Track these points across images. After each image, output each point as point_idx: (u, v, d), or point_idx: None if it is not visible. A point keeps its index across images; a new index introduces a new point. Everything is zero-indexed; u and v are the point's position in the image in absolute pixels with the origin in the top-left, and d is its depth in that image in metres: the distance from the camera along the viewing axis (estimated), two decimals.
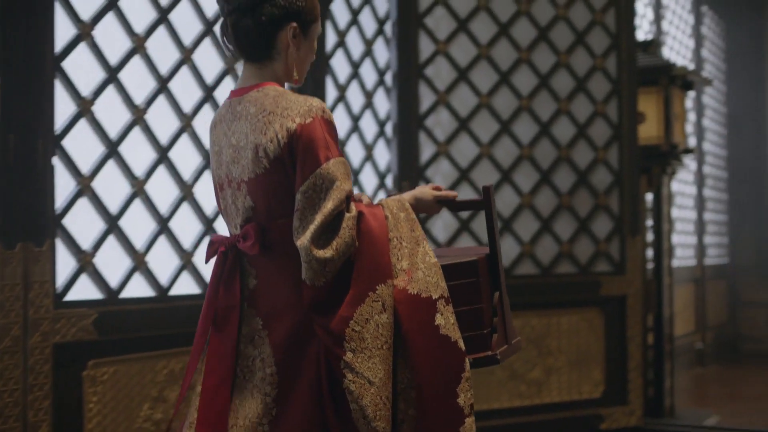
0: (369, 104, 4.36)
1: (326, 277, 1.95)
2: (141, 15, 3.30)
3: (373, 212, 2.04)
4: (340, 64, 4.20)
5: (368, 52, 4.38)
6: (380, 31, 4.42)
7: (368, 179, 4.33)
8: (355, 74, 4.28)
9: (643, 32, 7.57)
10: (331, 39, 4.12)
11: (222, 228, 3.44)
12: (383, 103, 4.45)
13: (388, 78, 4.45)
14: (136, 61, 3.27)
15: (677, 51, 8.58)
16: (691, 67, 8.97)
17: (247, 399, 2.04)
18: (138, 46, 3.25)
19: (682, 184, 8.55)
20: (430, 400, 1.97)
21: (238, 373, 2.07)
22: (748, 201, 10.31)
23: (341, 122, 4.19)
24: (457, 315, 2.01)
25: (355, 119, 4.28)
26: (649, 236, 5.73)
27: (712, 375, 8.63)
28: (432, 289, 2.01)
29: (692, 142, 8.71)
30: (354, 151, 4.27)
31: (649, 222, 5.74)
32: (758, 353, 9.97)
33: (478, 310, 2.08)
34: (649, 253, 5.69)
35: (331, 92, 4.12)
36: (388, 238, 2.02)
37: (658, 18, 8.02)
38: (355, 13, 4.30)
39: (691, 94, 8.05)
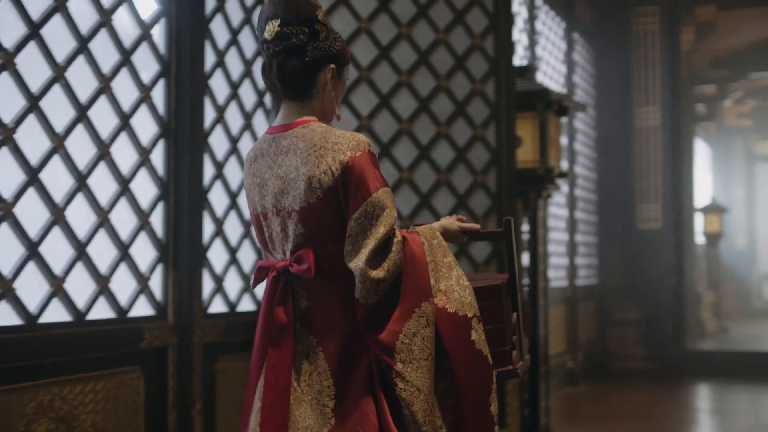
0: (248, 126, 4.28)
1: (378, 295, 2.17)
2: (13, 30, 3.15)
3: (413, 238, 2.27)
4: (219, 85, 4.11)
5: (248, 73, 4.30)
6: (261, 51, 4.33)
7: (246, 202, 4.25)
8: (234, 95, 4.20)
9: (518, 57, 7.70)
10: (210, 59, 4.03)
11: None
12: (263, 125, 4.38)
13: (268, 100, 4.38)
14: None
15: (550, 76, 8.77)
16: (564, 92, 9.18)
17: (306, 411, 2.23)
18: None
19: (554, 207, 8.73)
20: (469, 407, 2.22)
21: (296, 387, 2.25)
22: (617, 223, 10.60)
23: (220, 144, 4.10)
24: (485, 333, 2.28)
25: (234, 141, 4.19)
26: (524, 258, 5.81)
27: (583, 394, 8.81)
28: (467, 308, 2.26)
29: (565, 165, 8.90)
30: (233, 174, 4.18)
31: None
32: (627, 371, 10.25)
33: (501, 329, 2.36)
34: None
35: (210, 113, 4.02)
36: (427, 262, 2.25)
37: (532, 44, 8.18)
38: (234, 32, 4.22)
39: (564, 118, 8.22)
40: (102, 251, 3.48)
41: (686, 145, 12.09)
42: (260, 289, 4.27)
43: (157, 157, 3.80)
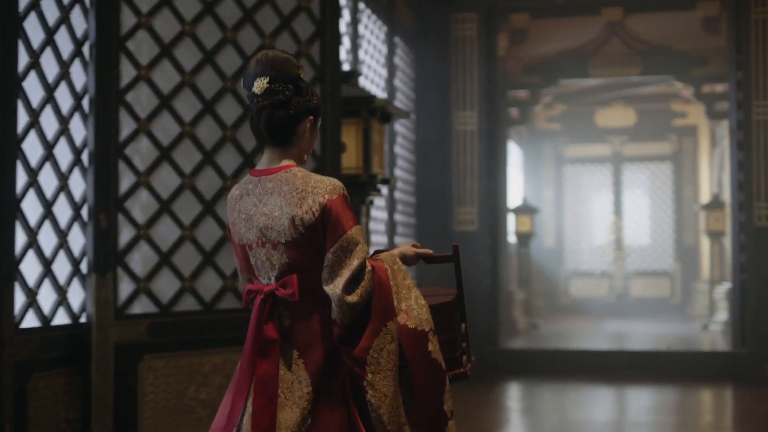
0: (65, 130, 4.08)
1: (351, 316, 2.56)
2: None
3: (379, 266, 2.64)
4: (33, 87, 3.90)
5: (64, 75, 4.10)
6: (78, 53, 4.15)
7: (62, 211, 4.05)
8: (50, 98, 3.99)
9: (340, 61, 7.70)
10: (23, 59, 3.82)
11: None
12: (80, 130, 4.18)
13: (86, 103, 4.19)
14: None
15: (372, 80, 8.82)
16: (385, 96, 9.26)
17: (287, 413, 2.59)
18: None
19: (374, 210, 8.79)
20: (425, 407, 2.64)
21: (280, 393, 2.60)
22: (435, 225, 10.80)
23: (34, 150, 3.89)
24: (439, 342, 2.66)
25: (50, 146, 3.99)
26: None
27: None
28: (424, 323, 2.65)
29: (385, 169, 8.97)
30: (47, 180, 3.98)
31: None
32: None
33: (453, 338, 2.78)
34: None
35: (23, 117, 3.81)
36: (390, 286, 2.63)
37: (355, 47, 8.20)
38: (50, 32, 4.01)
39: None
40: None
41: (501, 149, 12.45)
42: (75, 300, 4.10)
43: None
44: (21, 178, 3.80)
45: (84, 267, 4.19)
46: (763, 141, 10.27)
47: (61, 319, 4.11)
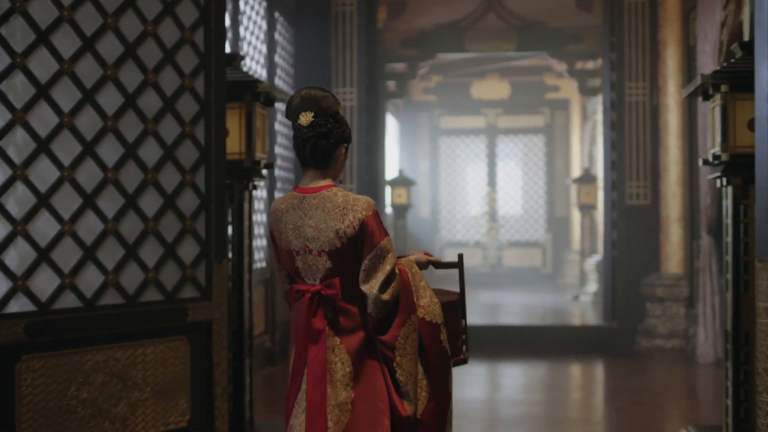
0: None
1: (385, 311, 3.21)
2: None
3: (402, 270, 3.29)
4: None
5: None
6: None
7: None
8: None
9: None
10: None
11: None
12: None
13: None
14: None
15: (252, 56, 8.66)
16: (265, 72, 9.12)
17: (335, 388, 3.21)
18: None
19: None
20: (437, 385, 3.30)
21: (327, 373, 3.22)
22: None
23: None
24: (446, 334, 3.35)
25: None
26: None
27: (281, 374, 8.88)
28: (437, 317, 3.33)
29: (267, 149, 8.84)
30: None
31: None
32: None
33: (456, 331, 3.45)
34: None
35: None
36: (412, 286, 3.28)
37: (235, 23, 8.02)
38: None
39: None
40: None
41: (380, 124, 12.45)
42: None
43: None
44: None
45: None
46: (635, 121, 10.54)
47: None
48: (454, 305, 3.45)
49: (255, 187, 6.00)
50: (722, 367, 8.80)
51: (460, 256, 3.54)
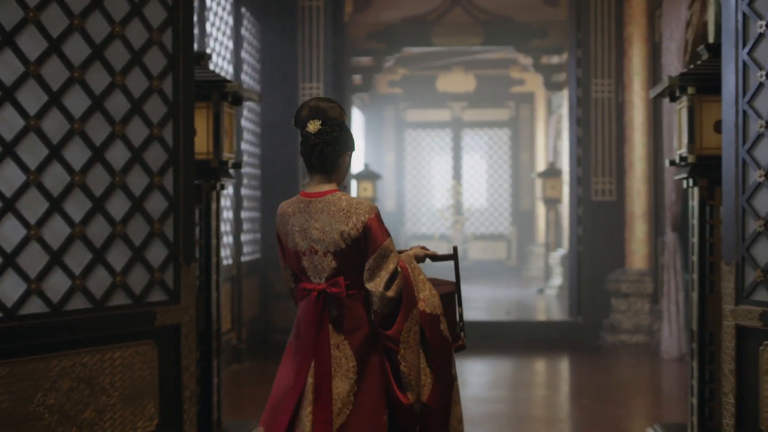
0: None
1: (390, 306, 3.41)
2: None
3: (403, 266, 3.46)
4: None
5: None
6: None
7: None
8: None
9: None
10: None
11: None
12: None
13: None
14: None
15: (218, 52, 8.60)
16: (232, 68, 9.06)
17: (338, 383, 3.42)
18: None
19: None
20: (439, 372, 3.49)
21: (331, 368, 3.42)
22: (280, 198, 10.67)
23: None
24: (446, 323, 3.56)
25: None
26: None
27: (248, 371, 8.85)
28: (437, 309, 3.52)
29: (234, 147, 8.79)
30: None
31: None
32: (286, 343, 10.41)
33: (454, 320, 3.68)
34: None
35: None
36: (412, 281, 3.47)
37: (202, 20, 7.96)
38: None
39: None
40: None
41: (346, 119, 12.39)
42: None
43: None
44: None
45: None
46: (600, 118, 10.60)
47: None
48: (452, 296, 3.69)
49: (223, 187, 5.96)
50: (686, 363, 8.89)
51: (455, 249, 3.75)
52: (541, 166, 19.47)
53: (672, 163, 5.83)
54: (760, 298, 4.48)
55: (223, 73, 8.76)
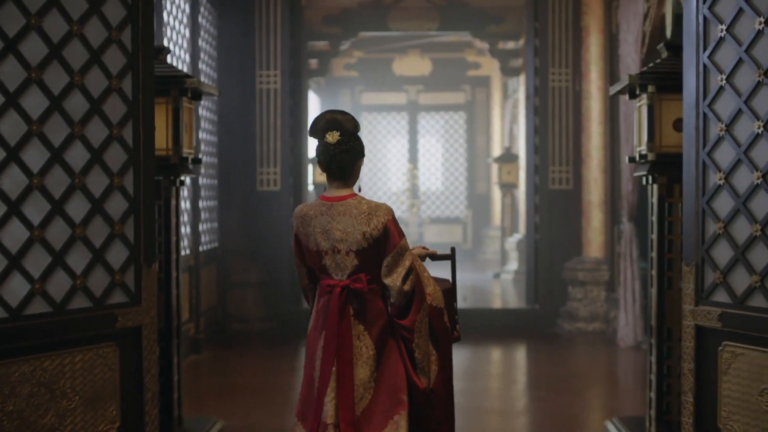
0: None
1: (406, 299, 3.76)
2: None
3: (416, 263, 3.83)
4: None
5: None
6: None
7: None
8: None
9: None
10: None
11: None
12: None
13: None
14: None
15: (175, 41, 8.50)
16: (188, 57, 8.96)
17: (360, 370, 3.75)
18: None
19: None
20: (444, 360, 3.87)
21: (353, 357, 3.76)
22: (237, 187, 10.62)
23: None
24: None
25: None
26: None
27: (207, 362, 8.81)
28: (440, 303, 3.90)
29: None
30: None
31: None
32: (245, 332, 10.38)
33: (452, 313, 4.04)
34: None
35: None
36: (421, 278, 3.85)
37: (159, 9, 7.85)
38: None
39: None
40: None
41: (303, 106, 12.35)
42: None
43: None
44: None
45: None
46: (558, 107, 10.65)
47: None
48: (450, 292, 4.06)
49: (182, 183, 5.91)
50: (642, 351, 9.01)
51: (453, 250, 4.17)
52: (496, 150, 19.53)
53: (632, 159, 5.88)
54: (719, 299, 4.53)
55: (179, 62, 8.66)
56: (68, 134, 4.40)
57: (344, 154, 3.77)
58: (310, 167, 16.16)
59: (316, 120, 3.83)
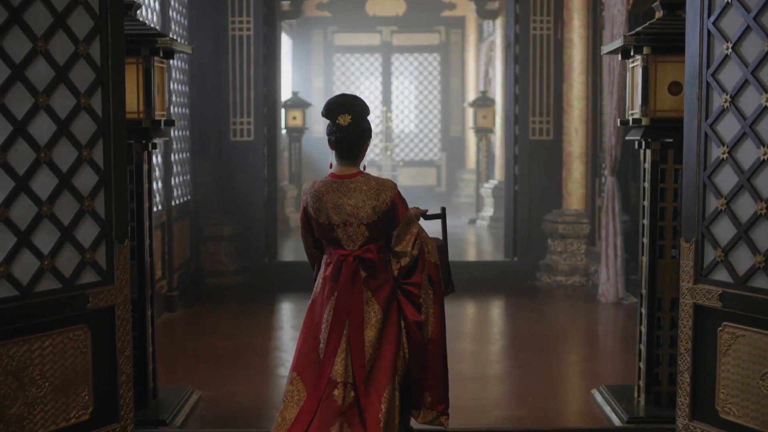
0: None
1: (413, 262, 4.12)
2: None
3: (420, 228, 4.22)
4: None
5: None
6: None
7: None
8: None
9: None
10: None
11: None
12: None
13: None
14: None
15: None
16: (158, 5, 8.58)
17: (368, 332, 4.07)
18: None
19: None
20: (439, 311, 4.21)
21: (363, 320, 4.09)
22: (210, 138, 10.30)
23: None
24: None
25: None
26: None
27: (181, 322, 8.59)
28: (436, 259, 4.19)
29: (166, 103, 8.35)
30: None
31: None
32: (219, 287, 10.16)
33: (446, 268, 4.37)
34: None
35: None
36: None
37: None
38: None
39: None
40: None
41: (277, 52, 11.99)
42: None
43: None
44: None
45: None
46: (538, 55, 10.38)
47: None
48: (443, 249, 4.39)
49: (155, 146, 5.62)
50: (623, 308, 8.88)
51: (443, 209, 4.52)
52: (471, 92, 19.23)
53: (624, 123, 5.65)
54: (719, 278, 4.36)
55: (150, 12, 8.29)
56: (32, 105, 4.12)
57: (354, 136, 4.04)
58: (283, 112, 15.87)
59: (330, 103, 4.10)
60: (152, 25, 8.45)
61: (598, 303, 9.20)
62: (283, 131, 16.29)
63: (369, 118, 4.16)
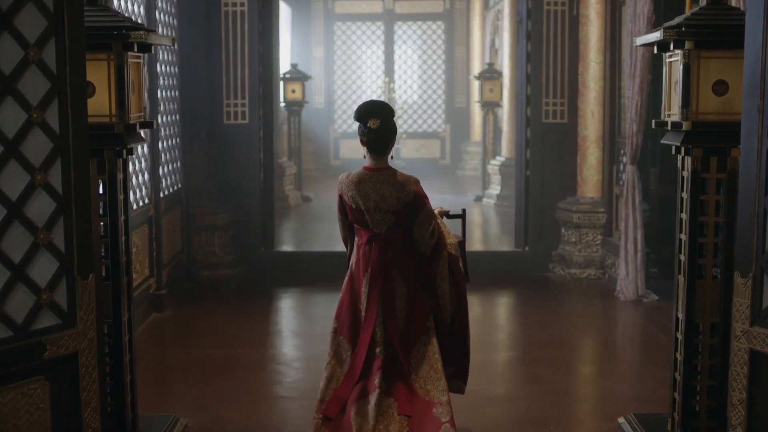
0: None
1: (431, 250, 4.77)
2: None
3: (440, 220, 4.91)
4: None
5: None
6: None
7: None
8: None
9: None
10: None
11: None
12: None
13: None
14: None
15: None
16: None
17: (397, 303, 4.74)
18: None
19: None
20: (460, 293, 4.88)
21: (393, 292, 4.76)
22: (202, 122, 9.66)
23: None
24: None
25: None
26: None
27: (170, 324, 8.00)
28: (456, 252, 4.86)
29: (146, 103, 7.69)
30: None
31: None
32: (213, 280, 9.58)
33: (464, 260, 4.97)
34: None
35: None
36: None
37: None
38: None
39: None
40: None
41: (274, 28, 11.31)
42: None
43: None
44: None
45: None
46: (552, 33, 9.71)
47: None
48: (462, 244, 4.95)
49: (131, 152, 4.98)
50: (644, 306, 8.29)
51: (464, 210, 5.14)
52: (476, 62, 18.52)
53: (660, 124, 5.01)
54: None
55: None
56: None
57: (383, 137, 4.61)
58: (281, 84, 15.20)
59: (361, 110, 4.67)
60: (137, 1, 7.77)
61: (616, 300, 8.59)
62: (282, 105, 15.64)
63: (392, 114, 4.68)
